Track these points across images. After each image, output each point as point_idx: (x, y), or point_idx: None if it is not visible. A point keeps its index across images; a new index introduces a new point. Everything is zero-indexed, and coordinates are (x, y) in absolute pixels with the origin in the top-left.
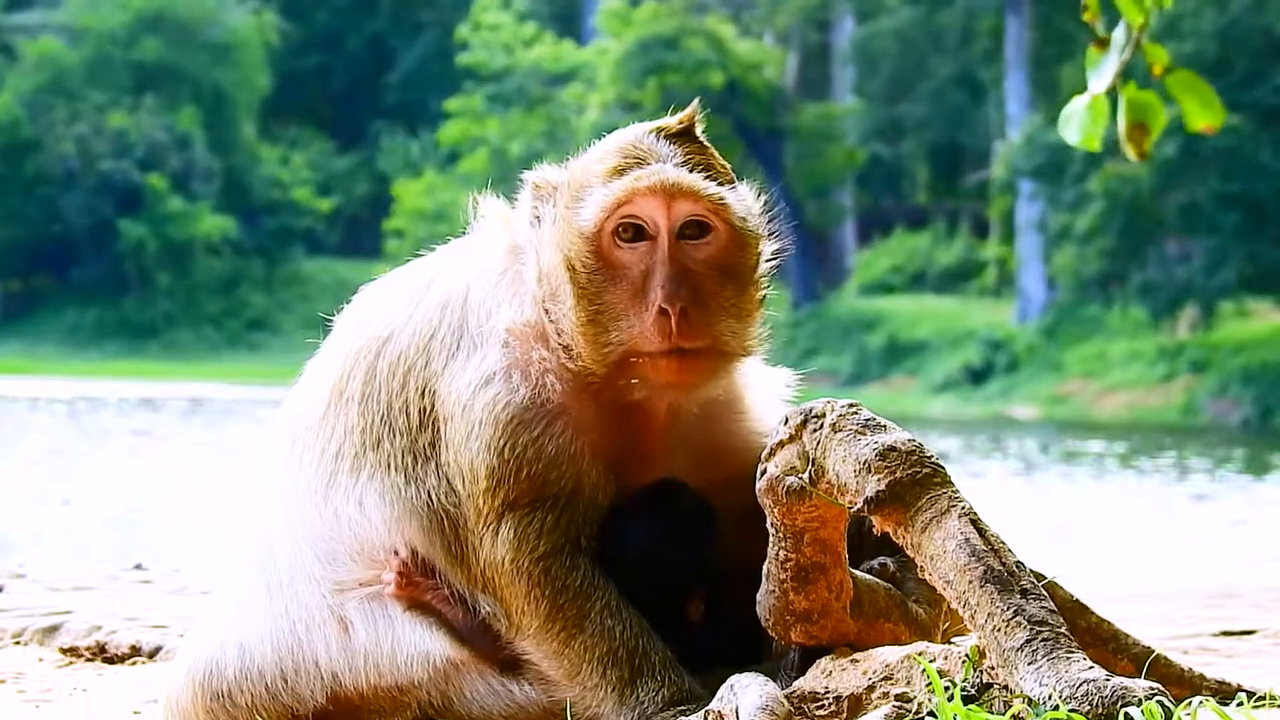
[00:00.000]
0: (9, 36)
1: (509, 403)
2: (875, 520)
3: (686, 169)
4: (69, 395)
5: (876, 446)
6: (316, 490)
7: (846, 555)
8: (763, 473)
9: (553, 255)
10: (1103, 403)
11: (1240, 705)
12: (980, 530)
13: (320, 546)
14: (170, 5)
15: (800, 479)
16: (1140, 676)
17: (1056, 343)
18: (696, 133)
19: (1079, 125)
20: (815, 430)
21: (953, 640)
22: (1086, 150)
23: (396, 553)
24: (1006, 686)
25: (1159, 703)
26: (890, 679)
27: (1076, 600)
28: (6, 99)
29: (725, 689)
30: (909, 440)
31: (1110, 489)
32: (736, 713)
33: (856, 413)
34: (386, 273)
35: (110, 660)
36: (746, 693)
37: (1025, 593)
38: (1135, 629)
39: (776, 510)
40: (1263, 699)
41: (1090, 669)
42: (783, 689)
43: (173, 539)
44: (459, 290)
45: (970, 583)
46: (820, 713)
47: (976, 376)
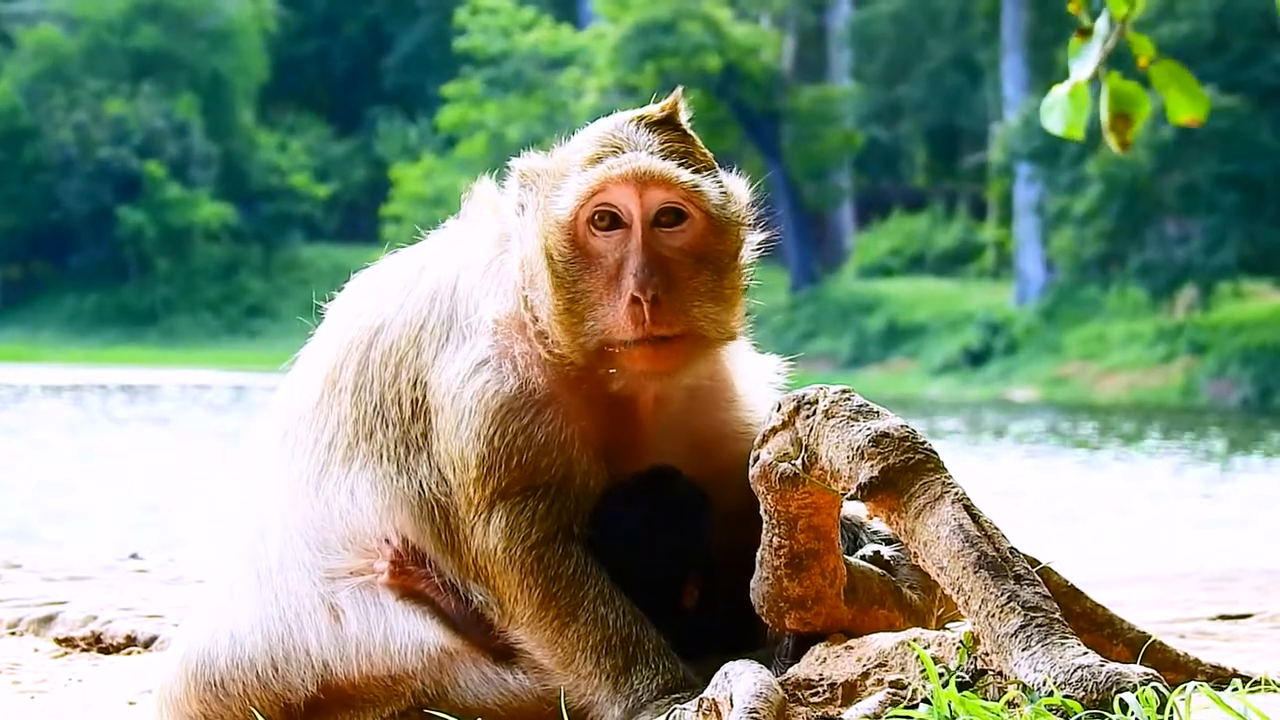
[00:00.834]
0: (7, 24)
1: (498, 391)
2: (868, 506)
3: (662, 157)
4: (68, 382)
5: (869, 433)
6: (308, 479)
7: (840, 542)
8: (755, 459)
9: (533, 243)
10: (1102, 384)
11: (1235, 690)
12: (974, 516)
13: (311, 535)
14: None
15: (793, 465)
16: (1136, 662)
17: (1055, 325)
18: (679, 120)
19: (1061, 114)
20: (808, 417)
21: (947, 626)
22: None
23: (388, 541)
24: (1001, 672)
25: (1154, 688)
26: (885, 665)
27: (1071, 585)
28: (5, 86)
29: (720, 676)
30: (902, 426)
31: (1109, 472)
32: (731, 700)
33: (849, 399)
34: (381, 259)
35: (106, 650)
36: (741, 680)
37: (1019, 578)
38: (1132, 613)
39: (770, 497)
40: (1258, 683)
41: (1085, 654)
42: (777, 676)
43: (171, 527)
44: (448, 280)
45: (964, 568)
46: (815, 699)
47: (976, 359)
